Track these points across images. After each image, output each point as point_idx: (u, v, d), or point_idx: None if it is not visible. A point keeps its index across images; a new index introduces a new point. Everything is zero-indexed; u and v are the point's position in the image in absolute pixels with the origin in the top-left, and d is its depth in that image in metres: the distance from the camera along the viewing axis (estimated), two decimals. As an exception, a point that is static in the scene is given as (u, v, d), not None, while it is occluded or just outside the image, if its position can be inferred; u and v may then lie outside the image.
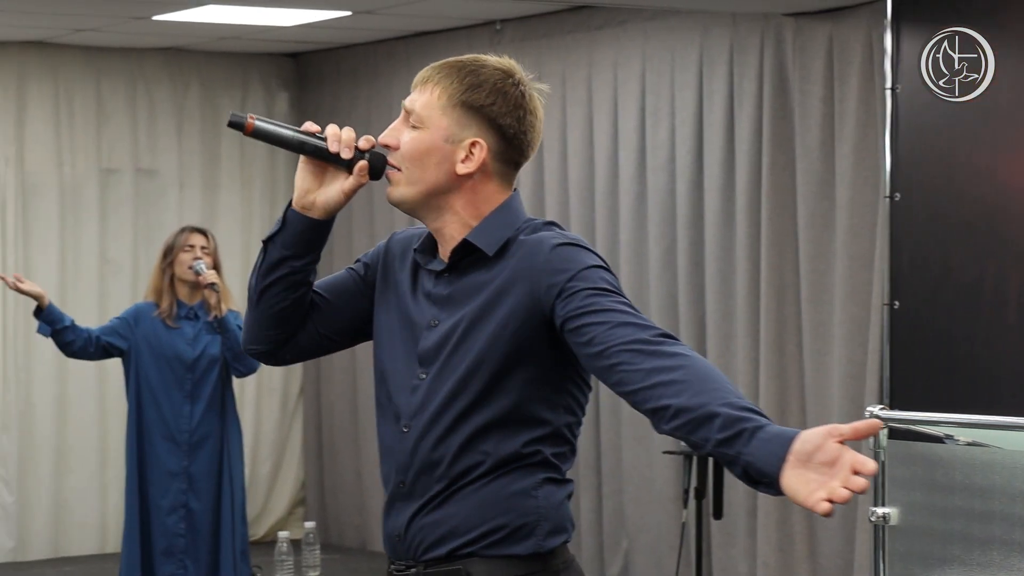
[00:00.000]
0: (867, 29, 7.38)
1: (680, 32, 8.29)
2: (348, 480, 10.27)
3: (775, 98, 7.85)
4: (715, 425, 2.53)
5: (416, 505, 2.83)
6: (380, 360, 2.93)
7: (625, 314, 2.69)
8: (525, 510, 2.80)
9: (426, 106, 2.83)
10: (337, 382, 10.31)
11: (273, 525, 10.32)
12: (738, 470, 2.53)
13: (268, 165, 10.55)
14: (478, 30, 9.34)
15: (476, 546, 2.79)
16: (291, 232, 2.89)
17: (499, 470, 2.79)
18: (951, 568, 4.91)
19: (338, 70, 10.33)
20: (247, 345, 3.00)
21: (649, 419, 2.64)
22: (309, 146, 2.87)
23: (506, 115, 2.82)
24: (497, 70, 2.84)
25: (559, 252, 2.77)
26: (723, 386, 2.58)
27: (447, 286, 2.85)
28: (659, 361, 2.62)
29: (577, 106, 8.81)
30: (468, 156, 2.81)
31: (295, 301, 2.92)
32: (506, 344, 2.77)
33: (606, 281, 2.74)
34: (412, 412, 2.84)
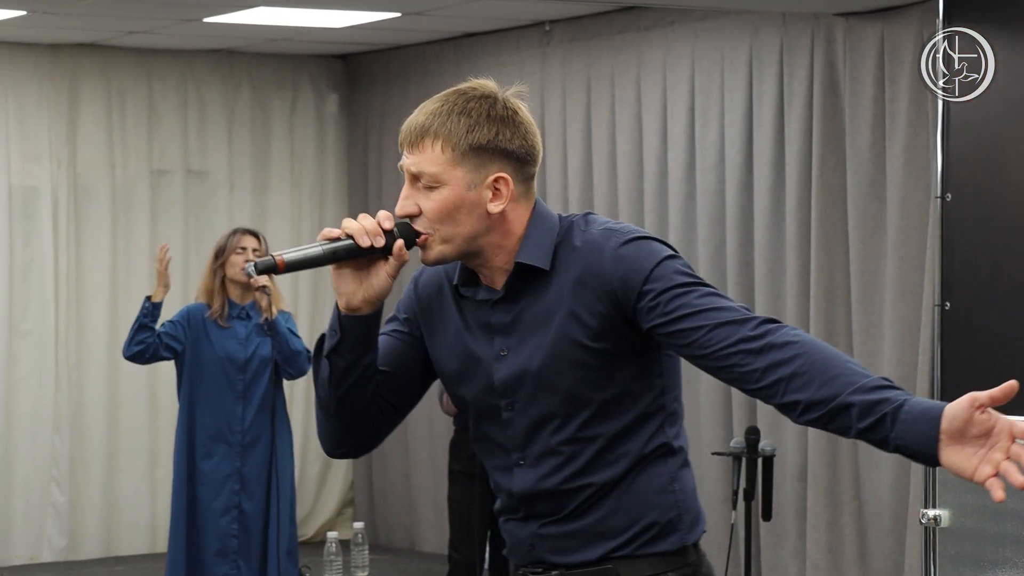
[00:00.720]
0: (918, 29, 7.34)
1: (729, 32, 8.27)
2: (397, 481, 10.28)
3: (825, 98, 7.82)
4: (852, 415, 2.52)
5: (547, 522, 2.80)
6: (460, 399, 2.87)
7: (717, 311, 2.64)
8: (667, 505, 2.79)
9: (432, 164, 2.75)
10: (386, 383, 10.32)
11: (322, 525, 10.35)
12: (888, 450, 2.53)
13: (317, 166, 10.58)
14: (527, 31, 9.35)
15: (626, 549, 2.77)
16: (351, 337, 2.81)
17: (633, 472, 2.77)
18: (1003, 571, 4.88)
19: (388, 71, 10.35)
20: (333, 451, 2.92)
21: (780, 411, 2.62)
22: (341, 251, 2.79)
23: (512, 139, 2.78)
24: (482, 99, 2.81)
25: (624, 253, 2.72)
26: (845, 368, 2.55)
27: (507, 312, 2.78)
28: (772, 356, 2.59)
29: (626, 107, 8.79)
30: (496, 193, 2.75)
31: (372, 393, 2.85)
32: (598, 354, 2.72)
33: (681, 274, 2.70)
34: (518, 445, 2.79)
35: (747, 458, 6.33)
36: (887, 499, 7.53)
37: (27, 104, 9.82)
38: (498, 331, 2.79)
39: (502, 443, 2.81)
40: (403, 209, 2.78)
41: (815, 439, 7.77)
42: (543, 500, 2.79)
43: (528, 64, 9.37)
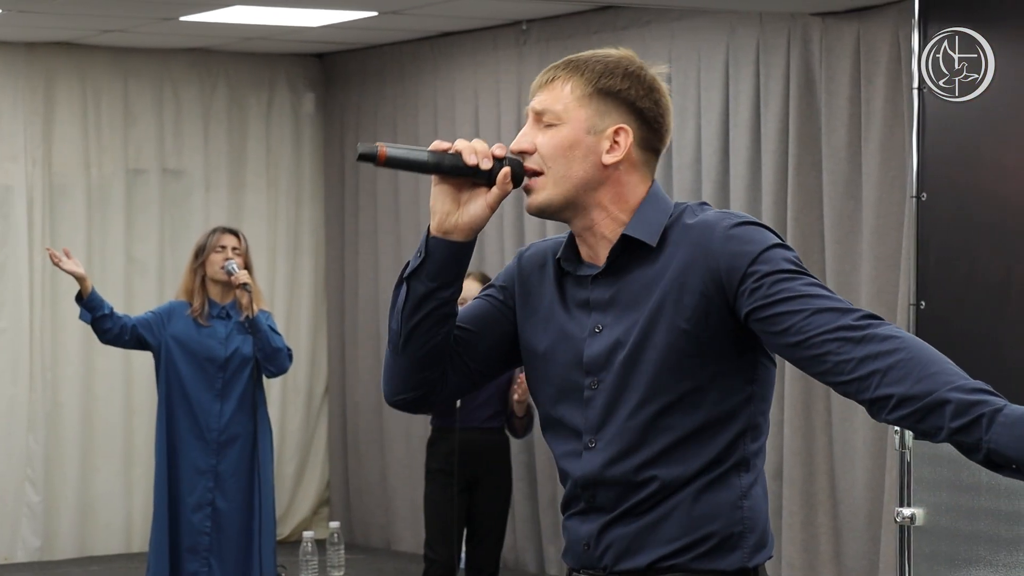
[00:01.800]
0: (894, 28, 7.36)
1: (706, 32, 8.28)
2: (373, 480, 10.28)
3: (802, 98, 7.83)
4: (947, 413, 2.40)
5: (609, 516, 2.68)
6: (541, 378, 2.75)
7: (821, 298, 2.54)
8: (731, 520, 2.65)
9: (559, 102, 2.70)
10: (363, 382, 10.32)
11: (298, 525, 10.34)
12: (979, 456, 2.41)
13: (294, 165, 10.57)
14: (504, 30, 9.35)
15: (679, 559, 2.65)
16: (435, 261, 2.70)
17: (701, 477, 2.65)
18: (977, 569, 4.89)
19: (364, 70, 10.34)
20: (394, 396, 2.80)
21: (866, 408, 2.51)
22: (446, 164, 2.70)
23: (644, 98, 2.70)
24: (623, 56, 2.73)
25: (735, 233, 2.61)
26: (945, 368, 2.44)
27: (608, 288, 2.69)
28: (871, 347, 2.48)
29: (603, 106, 8.79)
30: (614, 145, 2.68)
31: (445, 336, 2.73)
32: (691, 341, 2.62)
33: (790, 261, 2.59)
34: (594, 426, 2.68)
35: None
36: (862, 498, 7.55)
37: (2, 103, 9.79)
38: (596, 307, 2.70)
39: (576, 426, 2.70)
40: (518, 144, 2.71)
41: (791, 438, 7.78)
42: (605, 489, 2.68)
43: (505, 63, 9.37)
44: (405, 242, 10.04)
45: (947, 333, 5.17)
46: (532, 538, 9.30)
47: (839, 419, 7.66)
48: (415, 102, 9.97)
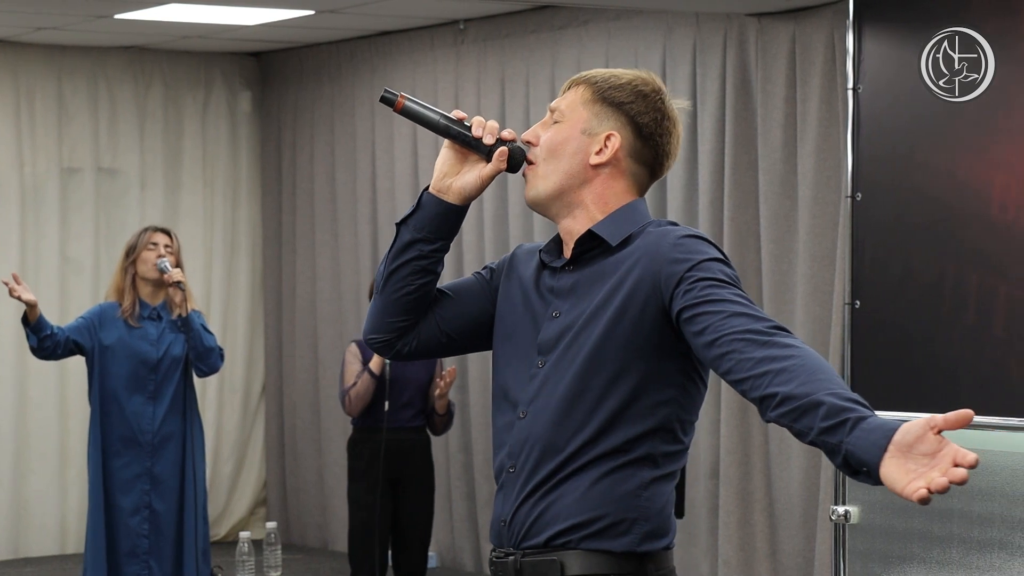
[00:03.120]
0: (829, 29, 7.40)
1: (643, 32, 8.30)
2: (310, 480, 10.25)
3: (738, 98, 7.86)
4: (819, 414, 2.55)
5: (523, 492, 2.87)
6: (499, 353, 2.99)
7: (740, 305, 2.73)
8: (627, 507, 2.82)
9: (569, 103, 2.95)
10: (300, 381, 10.29)
11: (235, 525, 10.30)
12: (839, 459, 2.55)
13: (230, 164, 10.52)
14: (442, 30, 9.34)
15: (571, 536, 2.82)
16: (424, 214, 2.97)
17: (608, 462, 2.83)
18: (911, 566, 4.93)
19: (301, 69, 10.31)
20: (368, 335, 3.05)
21: (757, 407, 2.67)
22: (454, 130, 2.96)
23: (644, 114, 2.93)
24: (638, 77, 2.97)
25: (683, 243, 2.82)
26: (831, 377, 2.60)
27: (570, 278, 2.92)
28: (770, 351, 2.65)
29: (541, 106, 8.81)
30: (603, 148, 2.91)
31: (420, 288, 2.99)
32: (625, 333, 2.82)
33: (725, 274, 2.78)
34: (529, 399, 2.90)
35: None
36: (798, 496, 7.59)
37: (-65, 100, 9.71)
38: (558, 295, 2.92)
39: (515, 399, 2.92)
40: (525, 135, 2.98)
41: (727, 437, 7.82)
42: (524, 458, 2.87)
43: (443, 63, 9.36)
44: (343, 241, 10.02)
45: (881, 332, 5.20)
46: (470, 537, 9.29)
47: (775, 418, 7.69)
48: (352, 101, 9.95)
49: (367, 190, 9.86)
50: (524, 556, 2.86)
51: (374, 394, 7.19)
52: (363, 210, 9.88)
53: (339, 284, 10.05)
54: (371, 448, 7.22)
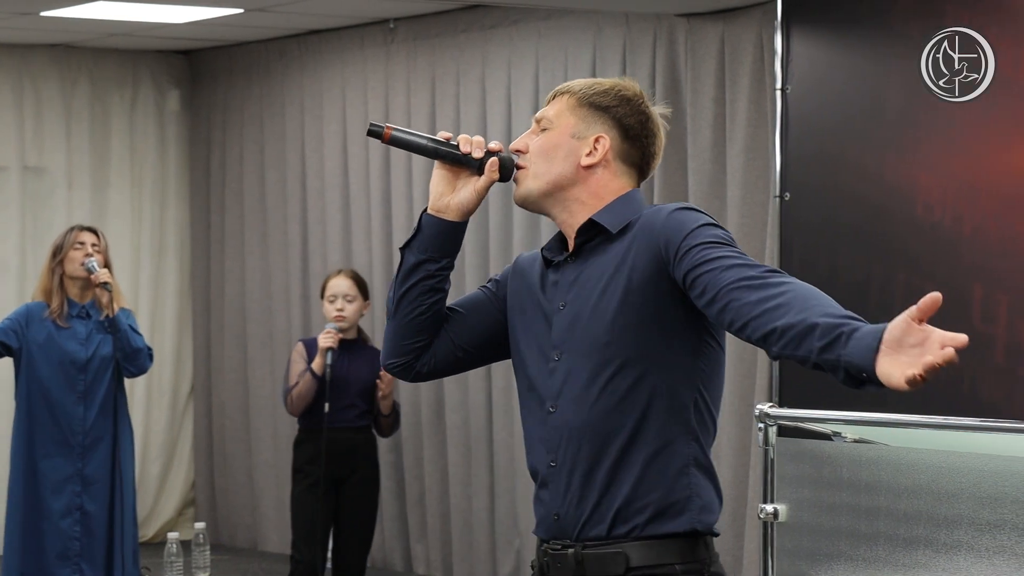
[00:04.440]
0: (758, 30, 7.44)
1: (573, 32, 8.32)
2: (239, 480, 10.20)
3: (667, 98, 7.89)
4: (816, 335, 2.62)
5: (571, 483, 2.94)
6: (518, 356, 3.07)
7: (733, 259, 2.81)
8: (680, 485, 2.91)
9: (555, 111, 3.06)
10: (228, 382, 10.24)
11: (163, 526, 10.23)
12: (841, 375, 2.61)
13: (158, 164, 10.45)
14: (371, 29, 9.32)
15: (634, 522, 2.90)
16: (427, 235, 3.06)
17: (649, 445, 2.90)
18: (838, 564, 4.96)
19: (230, 68, 10.26)
20: (386, 360, 3.13)
21: (764, 349, 2.74)
22: (443, 151, 3.05)
23: (629, 116, 3.05)
24: (619, 83, 3.09)
25: (676, 215, 2.92)
26: (823, 301, 2.68)
27: (574, 270, 3.01)
28: (765, 292, 2.73)
29: (471, 105, 8.81)
30: (593, 150, 3.02)
31: (431, 307, 3.07)
32: (637, 313, 2.90)
33: (717, 236, 2.87)
34: (555, 393, 2.97)
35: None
36: (726, 495, 7.62)
37: None
38: (562, 287, 3.01)
39: (541, 396, 2.99)
40: (514, 144, 3.08)
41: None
42: (564, 448, 2.93)
43: (372, 62, 9.34)
44: (272, 241, 9.98)
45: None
46: (400, 537, 9.28)
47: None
48: (282, 100, 9.91)
49: (297, 189, 9.83)
50: (585, 548, 2.93)
51: (316, 394, 7.18)
52: (293, 210, 9.84)
53: (268, 284, 10.00)
54: (314, 448, 7.21)
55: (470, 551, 8.86)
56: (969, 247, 4.91)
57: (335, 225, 9.56)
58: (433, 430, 9.03)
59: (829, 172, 5.24)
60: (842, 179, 5.21)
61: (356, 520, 7.32)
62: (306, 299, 9.65)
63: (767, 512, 5.10)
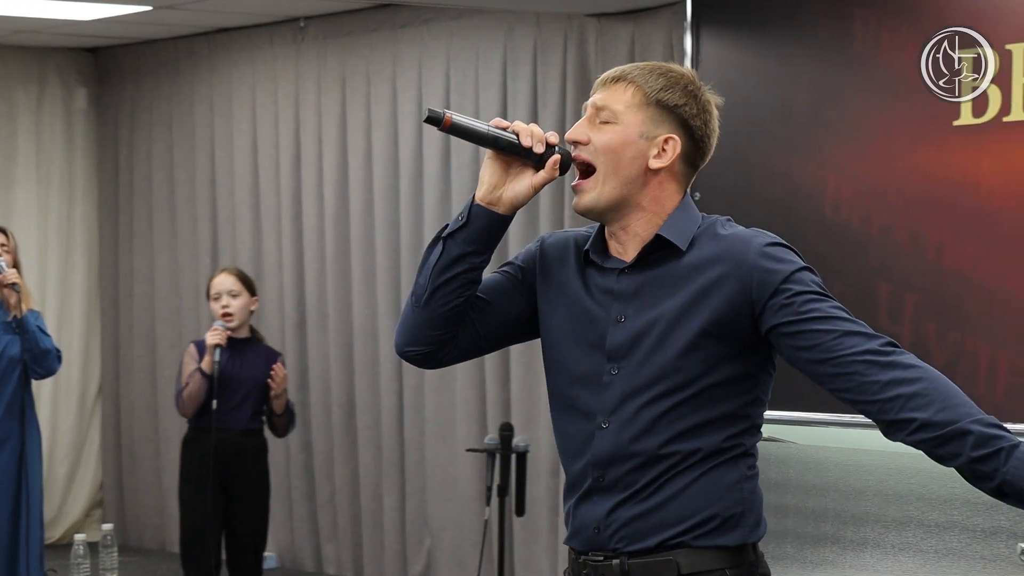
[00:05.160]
0: (668, 30, 7.48)
1: (485, 31, 8.33)
2: (147, 481, 10.13)
3: (578, 98, 7.91)
4: (968, 442, 2.63)
5: (619, 498, 2.87)
6: (557, 360, 2.96)
7: (848, 322, 2.76)
8: (733, 501, 2.86)
9: (619, 102, 2.90)
10: (137, 382, 10.16)
11: (70, 527, 10.14)
12: (990, 485, 2.64)
13: (65, 162, 10.35)
14: (282, 27, 9.28)
15: (687, 536, 2.84)
16: (475, 227, 2.91)
17: (707, 463, 2.84)
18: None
19: (139, 66, 10.17)
20: (405, 347, 3.00)
21: (881, 428, 2.72)
22: (503, 141, 2.91)
23: (696, 116, 2.91)
24: (685, 74, 2.94)
25: (770, 251, 2.83)
26: (965, 401, 2.67)
27: (634, 281, 2.89)
28: (896, 373, 2.70)
29: (382, 104, 8.79)
30: (661, 152, 2.89)
31: (466, 300, 2.95)
32: (713, 339, 2.82)
33: (818, 284, 2.81)
34: (609, 408, 2.87)
35: (501, 454, 6.38)
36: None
37: None
38: (620, 298, 2.89)
39: (590, 408, 2.90)
40: (573, 134, 2.92)
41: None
42: (615, 469, 2.87)
43: (282, 61, 9.30)
44: (181, 240, 9.91)
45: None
46: (310, 537, 9.25)
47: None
48: (191, 98, 9.84)
49: (206, 188, 9.76)
50: (631, 558, 2.86)
51: (207, 395, 7.11)
52: (202, 209, 9.78)
53: (177, 284, 9.93)
54: (202, 448, 7.14)
55: (381, 551, 8.84)
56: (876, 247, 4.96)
57: (245, 224, 9.51)
58: (344, 431, 9.00)
59: (739, 173, 5.28)
60: (752, 180, 5.25)
61: (246, 525, 7.23)
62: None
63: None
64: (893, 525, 4.71)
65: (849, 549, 4.82)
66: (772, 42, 5.19)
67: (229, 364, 7.08)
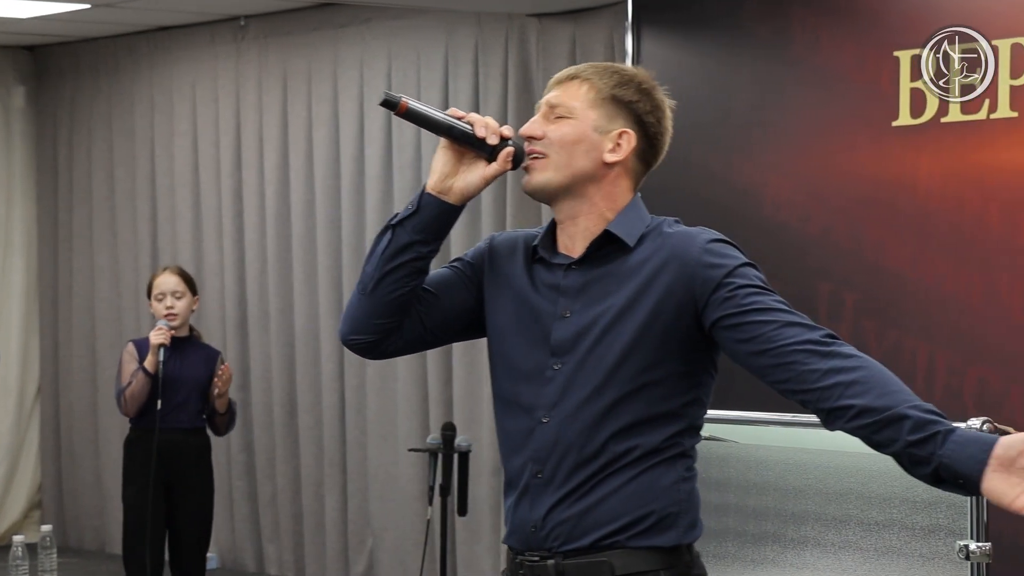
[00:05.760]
0: (609, 30, 7.50)
1: (426, 31, 8.32)
2: (87, 482, 10.07)
3: (520, 97, 7.92)
4: (905, 427, 2.61)
5: (556, 496, 2.87)
6: (503, 356, 2.96)
7: (790, 314, 2.77)
8: (669, 502, 2.85)
9: (574, 99, 2.92)
10: (76, 382, 10.10)
11: (8, 529, 10.07)
12: (926, 469, 2.61)
13: (3, 162, 10.28)
14: (222, 26, 9.25)
15: (621, 536, 2.84)
16: (425, 216, 2.92)
17: (644, 462, 2.84)
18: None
19: (78, 64, 10.11)
20: (350, 335, 2.99)
21: (821, 417, 2.71)
22: (457, 130, 2.90)
23: (649, 113, 2.93)
24: (639, 73, 2.97)
25: (714, 247, 2.84)
26: (903, 388, 2.67)
27: (580, 277, 2.90)
28: (835, 362, 2.70)
29: (323, 104, 8.77)
30: (616, 146, 2.90)
31: (413, 289, 2.95)
32: (656, 335, 2.82)
33: (760, 279, 2.82)
34: (550, 403, 2.88)
35: (443, 454, 6.37)
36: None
37: None
38: (566, 293, 2.90)
39: (531, 403, 2.89)
40: (528, 129, 2.93)
41: (509, 434, 7.87)
42: (552, 465, 2.86)
43: (223, 59, 9.27)
44: (121, 239, 9.86)
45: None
46: (251, 537, 9.22)
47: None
48: (131, 97, 9.79)
49: (146, 187, 9.71)
50: (566, 559, 2.85)
51: (150, 394, 7.08)
52: (142, 208, 9.73)
53: (118, 283, 9.88)
54: (145, 449, 7.10)
55: (323, 551, 8.82)
56: (816, 247, 4.99)
57: (185, 223, 9.47)
58: (285, 431, 8.98)
59: (678, 173, 5.29)
60: (691, 179, 5.27)
61: (191, 524, 7.20)
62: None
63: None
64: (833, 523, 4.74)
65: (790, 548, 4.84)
66: (712, 42, 5.22)
67: (171, 363, 7.04)
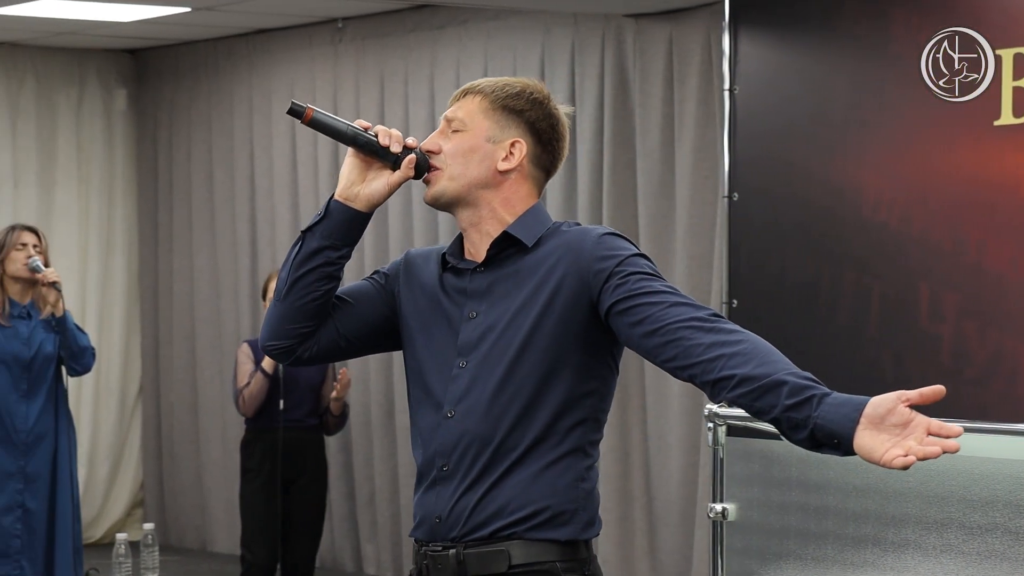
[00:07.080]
0: (706, 31, 7.47)
1: (522, 32, 8.33)
2: (188, 481, 10.16)
3: (616, 98, 7.91)
4: (783, 392, 2.70)
5: (460, 488, 2.96)
6: (414, 359, 3.06)
7: (676, 295, 2.87)
8: (568, 498, 2.95)
9: (467, 112, 3.04)
10: (177, 382, 10.20)
11: (111, 527, 10.19)
12: (804, 433, 2.69)
13: (106, 163, 10.40)
14: (320, 28, 9.30)
15: (519, 527, 2.93)
16: (332, 222, 3.04)
17: (545, 456, 2.94)
18: (787, 563, 4.98)
19: (178, 67, 10.21)
20: (267, 342, 3.10)
21: (707, 391, 2.80)
22: (362, 139, 3.04)
23: (541, 120, 3.05)
24: (532, 84, 3.09)
25: (605, 240, 2.95)
26: (782, 358, 2.76)
27: (484, 279, 3.02)
28: (719, 336, 2.79)
29: (420, 105, 8.80)
30: (509, 155, 3.02)
31: (325, 294, 3.05)
32: (553, 329, 2.93)
33: (651, 268, 2.93)
34: (455, 399, 2.98)
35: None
36: (676, 494, 7.65)
37: None
38: (472, 296, 3.01)
39: (439, 399, 3.00)
40: (427, 144, 3.06)
41: (607, 434, 7.83)
42: (458, 458, 2.96)
43: (320, 61, 9.32)
44: (221, 240, 9.95)
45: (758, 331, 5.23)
46: (350, 537, 9.27)
47: (654, 416, 7.75)
48: (230, 99, 9.87)
49: (245, 189, 9.79)
50: (467, 548, 2.94)
51: (267, 394, 7.17)
52: (241, 209, 9.81)
53: (217, 284, 9.97)
54: (263, 448, 7.19)
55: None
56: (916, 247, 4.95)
57: (284, 224, 9.54)
58: (383, 430, 9.02)
59: (777, 173, 5.26)
60: (790, 180, 5.23)
61: (306, 520, 7.32)
62: (255, 299, 9.63)
63: (716, 511, 5.12)
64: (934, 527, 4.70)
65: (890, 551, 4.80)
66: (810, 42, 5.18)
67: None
